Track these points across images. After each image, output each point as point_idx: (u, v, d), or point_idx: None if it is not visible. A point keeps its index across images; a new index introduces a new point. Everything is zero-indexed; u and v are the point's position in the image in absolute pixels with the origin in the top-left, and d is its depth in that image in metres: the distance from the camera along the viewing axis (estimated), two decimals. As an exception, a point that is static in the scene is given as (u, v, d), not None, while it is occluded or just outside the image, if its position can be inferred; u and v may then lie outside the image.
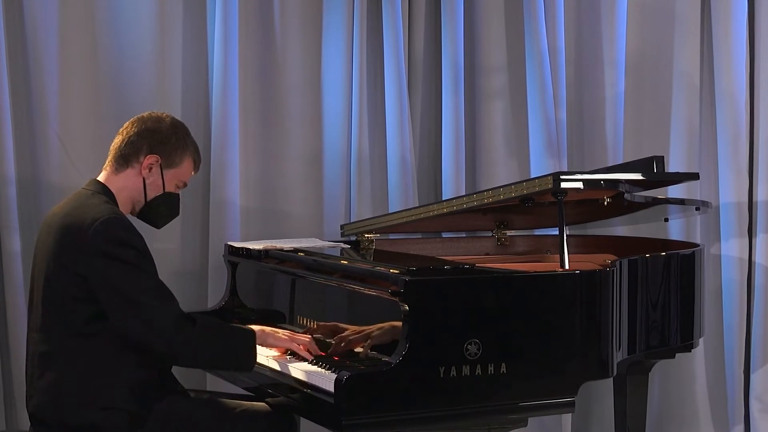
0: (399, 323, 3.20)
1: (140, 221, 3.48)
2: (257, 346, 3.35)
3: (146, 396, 3.26)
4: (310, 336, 3.52)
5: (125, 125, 3.45)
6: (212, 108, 4.67)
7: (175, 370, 3.52)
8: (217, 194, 4.64)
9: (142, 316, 3.16)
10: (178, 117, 4.46)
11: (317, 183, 4.89)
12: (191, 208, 4.68)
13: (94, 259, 3.16)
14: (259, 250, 4.06)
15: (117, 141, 3.43)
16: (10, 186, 4.32)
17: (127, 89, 4.58)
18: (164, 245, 4.55)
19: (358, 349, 3.42)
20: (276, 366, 3.43)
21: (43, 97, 4.43)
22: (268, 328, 3.48)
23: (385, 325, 3.35)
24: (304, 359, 3.41)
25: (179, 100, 4.69)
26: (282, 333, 3.47)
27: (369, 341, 3.39)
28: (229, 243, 4.31)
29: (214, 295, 4.53)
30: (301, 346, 3.44)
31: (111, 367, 3.21)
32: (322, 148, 4.90)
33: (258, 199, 4.80)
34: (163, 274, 4.38)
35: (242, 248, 4.18)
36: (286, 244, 4.12)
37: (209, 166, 4.65)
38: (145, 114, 3.48)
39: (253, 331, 3.36)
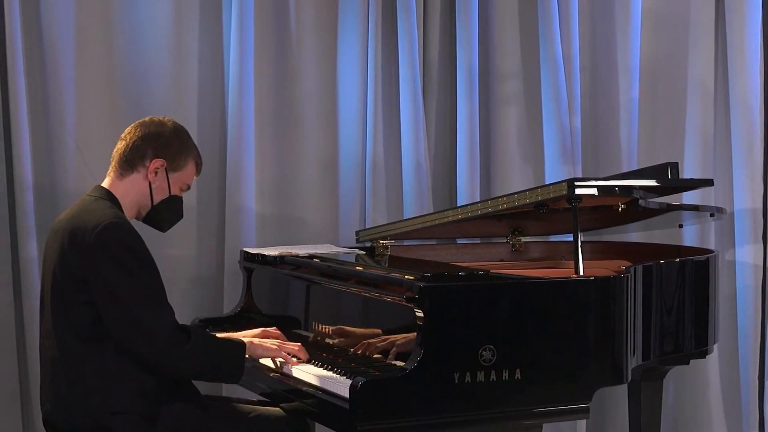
0: (407, 330, 3.21)
1: (145, 226, 3.47)
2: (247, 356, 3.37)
3: (157, 399, 3.25)
4: (299, 344, 3.51)
5: (127, 130, 3.45)
6: (228, 114, 4.67)
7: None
8: (233, 200, 4.63)
9: (136, 325, 3.16)
10: (194, 123, 4.54)
11: (332, 189, 4.89)
12: (207, 214, 4.69)
13: (94, 262, 3.17)
14: (274, 256, 4.07)
15: (120, 146, 3.43)
16: (27, 192, 4.32)
17: (143, 96, 4.58)
18: (180, 251, 4.55)
19: (370, 354, 3.41)
20: (292, 372, 3.42)
21: (60, 104, 4.43)
22: (256, 339, 3.48)
23: (396, 331, 3.34)
24: (317, 364, 3.41)
25: (195, 107, 4.69)
26: (270, 343, 3.47)
27: (383, 348, 3.38)
28: (245, 249, 4.32)
29: (230, 301, 4.52)
30: (290, 355, 3.45)
31: (120, 371, 3.21)
32: (337, 154, 4.90)
33: (273, 205, 4.79)
34: (179, 280, 4.41)
35: (258, 254, 4.18)
36: (302, 251, 4.12)
37: (225, 172, 4.65)
38: (146, 119, 3.48)
39: (243, 343, 3.36)
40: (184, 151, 3.44)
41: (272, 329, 3.63)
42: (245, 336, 3.50)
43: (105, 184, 3.42)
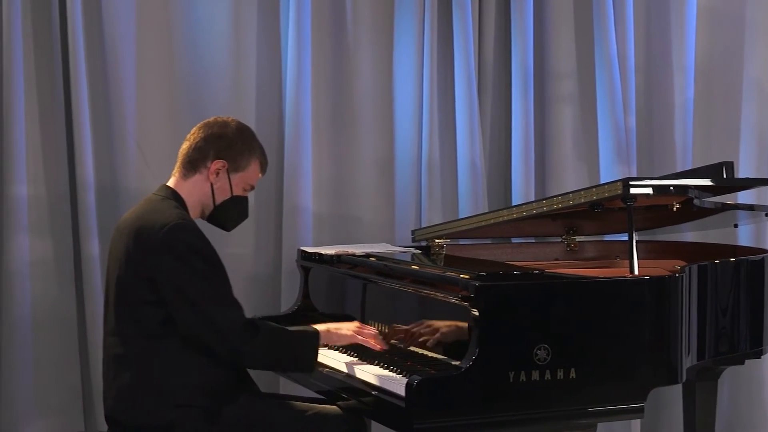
0: (463, 329, 3.21)
1: (210, 226, 3.52)
2: (323, 346, 3.40)
3: (220, 394, 3.29)
4: (375, 330, 3.54)
5: (192, 131, 3.49)
6: (285, 114, 4.70)
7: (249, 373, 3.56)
8: (290, 200, 4.66)
9: (207, 324, 3.21)
10: (253, 122, 4.57)
11: (388, 188, 4.90)
12: (265, 214, 4.72)
13: (162, 263, 3.20)
14: (331, 255, 4.08)
15: (184, 147, 3.46)
16: (89, 192, 4.38)
17: (202, 96, 4.62)
18: (238, 250, 4.59)
19: (425, 352, 3.43)
20: (347, 370, 3.45)
21: (121, 104, 4.48)
22: (332, 326, 3.50)
23: (451, 330, 3.35)
24: (373, 362, 3.43)
25: (253, 106, 4.72)
26: (345, 328, 3.50)
27: (437, 347, 3.40)
28: (302, 248, 4.34)
29: (287, 300, 4.55)
30: (366, 339, 3.47)
31: (184, 368, 3.25)
32: (393, 153, 4.92)
33: (330, 204, 4.82)
34: (237, 278, 4.43)
35: (315, 253, 4.20)
36: (358, 249, 4.13)
37: (282, 171, 4.68)
38: (211, 119, 3.51)
39: (316, 332, 3.39)
40: (246, 151, 3.47)
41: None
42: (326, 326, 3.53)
43: (171, 183, 3.45)
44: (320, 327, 3.45)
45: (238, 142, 3.45)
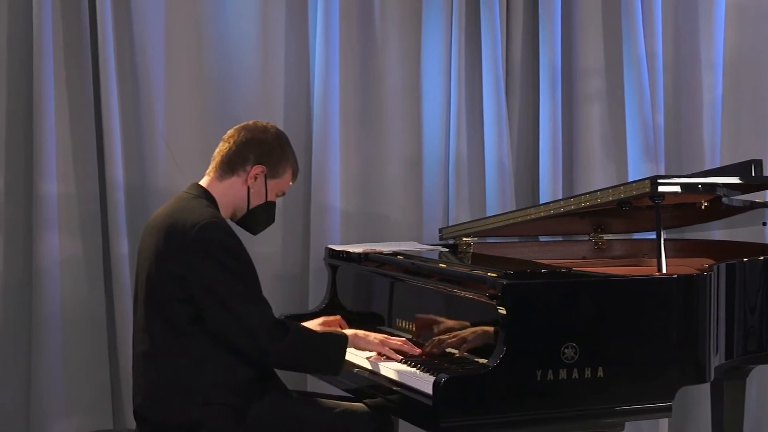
0: (489, 328, 3.21)
1: (237, 227, 3.52)
2: (349, 348, 3.42)
3: (248, 392, 3.30)
4: (404, 339, 3.54)
5: (230, 133, 3.49)
6: (313, 112, 4.70)
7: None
8: (318, 198, 4.67)
9: (237, 323, 3.22)
10: (281, 121, 4.58)
11: (416, 187, 4.90)
12: (292, 212, 4.73)
13: (193, 261, 3.21)
14: (359, 254, 4.09)
15: (223, 148, 3.47)
16: (119, 191, 4.39)
17: (231, 94, 4.63)
18: (265, 248, 4.58)
19: (451, 350, 3.43)
20: (374, 368, 3.45)
21: (150, 104, 4.50)
22: (361, 332, 3.52)
23: (478, 329, 3.35)
24: (400, 360, 3.43)
25: (281, 104, 4.73)
26: (374, 336, 3.51)
27: (464, 345, 3.40)
28: (330, 246, 4.35)
29: (315, 298, 4.56)
30: (392, 351, 3.48)
31: (212, 365, 3.26)
32: (421, 151, 4.91)
33: (358, 202, 4.82)
34: (265, 277, 4.42)
35: (342, 251, 4.21)
36: (386, 248, 4.13)
37: (310, 169, 4.69)
38: (250, 123, 3.52)
39: (345, 335, 3.41)
40: (284, 158, 3.48)
41: (332, 318, 3.71)
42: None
43: (203, 182, 3.46)
44: (348, 331, 3.48)
45: (278, 149, 3.47)
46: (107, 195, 4.42)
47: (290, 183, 3.57)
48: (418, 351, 3.49)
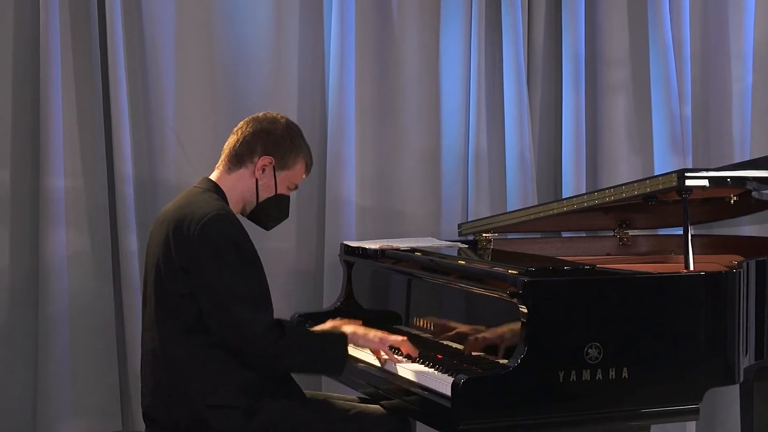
0: (510, 327, 3.21)
1: (249, 223, 3.52)
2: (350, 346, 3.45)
3: (258, 393, 3.29)
4: (404, 336, 3.54)
5: (240, 125, 3.50)
6: (328, 104, 4.71)
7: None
8: (333, 192, 4.67)
9: (231, 325, 3.21)
10: (294, 113, 4.58)
11: (434, 181, 4.90)
12: (306, 207, 4.73)
13: (197, 254, 3.22)
14: (375, 250, 4.08)
15: (231, 140, 3.48)
16: (128, 185, 4.40)
17: (243, 86, 4.64)
18: (279, 244, 4.59)
19: (479, 353, 3.42)
20: (390, 368, 3.45)
21: (160, 97, 4.51)
22: (360, 329, 3.52)
23: (498, 328, 3.35)
24: (417, 360, 3.43)
25: (295, 96, 4.73)
26: (373, 334, 3.51)
27: (484, 344, 3.39)
28: (345, 242, 4.35)
29: (330, 296, 4.56)
30: (391, 354, 3.48)
31: (221, 364, 3.26)
32: (439, 144, 4.91)
33: (374, 197, 4.83)
34: (278, 274, 4.46)
35: (358, 247, 4.21)
36: (403, 244, 4.13)
37: (325, 163, 4.69)
38: (260, 114, 3.52)
39: (344, 333, 3.41)
40: (294, 150, 3.48)
41: (353, 321, 3.68)
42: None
43: (213, 176, 3.47)
44: (347, 329, 3.48)
45: (287, 140, 3.47)
46: (116, 189, 4.43)
47: (303, 176, 3.56)
48: (415, 352, 3.48)
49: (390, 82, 4.84)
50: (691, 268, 3.50)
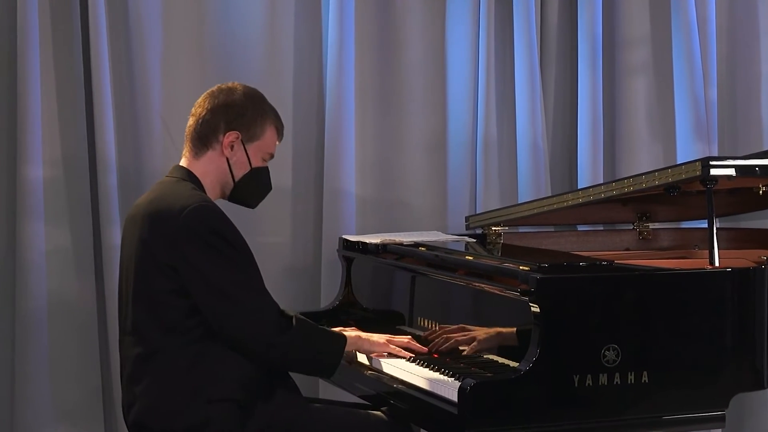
0: (522, 327, 3.20)
1: (234, 212, 3.50)
2: (354, 352, 3.49)
3: (254, 387, 3.29)
4: (409, 337, 3.57)
5: (197, 103, 3.47)
6: (326, 89, 4.70)
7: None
8: (331, 183, 4.67)
9: (239, 313, 3.21)
10: (290, 96, 4.59)
11: (440, 171, 4.90)
12: (303, 199, 4.73)
13: (184, 249, 3.20)
14: (376, 245, 4.09)
15: (190, 123, 3.45)
16: (111, 174, 4.40)
17: (235, 67, 4.63)
18: (273, 239, 4.60)
19: (488, 355, 3.41)
20: (393, 372, 3.44)
21: (146, 79, 4.50)
22: (363, 333, 3.54)
23: (509, 329, 3.34)
24: (422, 364, 3.42)
25: (291, 81, 4.73)
26: (378, 337, 3.53)
27: (493, 346, 3.38)
28: (344, 236, 4.34)
29: (328, 294, 4.56)
30: (399, 349, 3.50)
31: (214, 360, 3.25)
32: (446, 132, 4.91)
33: (375, 188, 4.83)
34: (272, 270, 4.45)
35: (358, 242, 4.21)
36: (406, 238, 4.13)
37: (323, 151, 4.69)
38: (215, 88, 3.49)
39: (344, 336, 3.41)
40: (259, 117, 3.45)
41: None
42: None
43: (183, 163, 3.45)
44: (350, 333, 3.49)
45: (249, 109, 3.44)
46: (98, 179, 4.43)
47: (276, 142, 3.53)
48: (424, 349, 3.51)
49: (392, 65, 4.84)
50: (717, 264, 3.49)
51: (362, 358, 3.59)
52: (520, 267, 3.30)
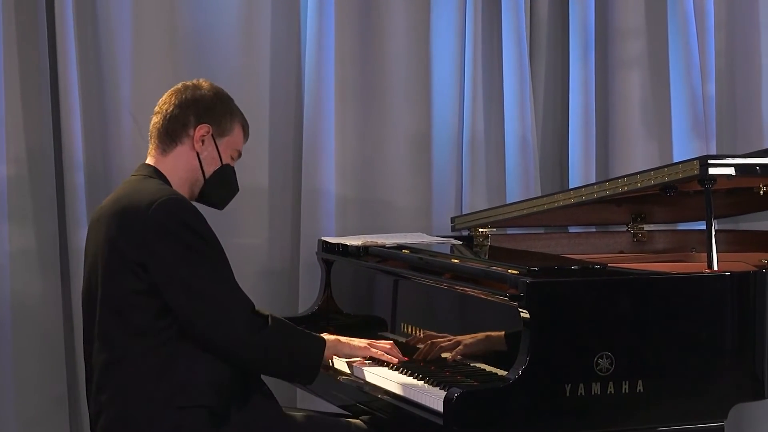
0: (511, 333, 3.20)
1: (203, 207, 3.50)
2: (333, 357, 3.48)
3: (228, 392, 3.28)
4: (391, 342, 3.56)
5: (160, 101, 3.46)
6: (304, 83, 4.71)
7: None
8: (310, 182, 4.67)
9: (210, 310, 3.20)
10: (267, 92, 4.61)
11: (424, 168, 4.91)
12: (280, 199, 4.74)
13: (153, 245, 3.19)
14: (357, 247, 4.09)
15: (156, 120, 3.44)
16: (78, 172, 4.40)
17: (209, 62, 4.64)
18: (249, 240, 4.61)
19: (475, 363, 3.42)
20: (376, 381, 3.44)
21: (116, 72, 4.51)
22: (343, 338, 3.52)
23: (496, 334, 3.34)
24: (405, 372, 3.42)
25: (268, 72, 4.73)
26: (358, 341, 3.52)
27: (480, 354, 3.39)
28: (323, 238, 4.35)
29: (306, 298, 4.56)
30: (381, 352, 3.50)
31: (185, 364, 3.24)
32: (430, 127, 4.92)
33: (356, 187, 4.84)
34: (248, 273, 4.46)
35: (338, 244, 4.21)
36: (389, 240, 4.14)
37: (301, 148, 4.70)
38: (179, 85, 3.49)
39: (323, 339, 3.40)
40: (228, 112, 3.47)
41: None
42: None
43: (149, 162, 3.44)
44: (329, 336, 3.47)
45: (218, 104, 3.46)
46: (65, 178, 4.43)
47: (243, 141, 3.54)
48: (405, 358, 3.51)
49: (374, 54, 4.85)
50: (715, 267, 3.50)
51: (342, 365, 3.59)
52: (509, 270, 3.30)
